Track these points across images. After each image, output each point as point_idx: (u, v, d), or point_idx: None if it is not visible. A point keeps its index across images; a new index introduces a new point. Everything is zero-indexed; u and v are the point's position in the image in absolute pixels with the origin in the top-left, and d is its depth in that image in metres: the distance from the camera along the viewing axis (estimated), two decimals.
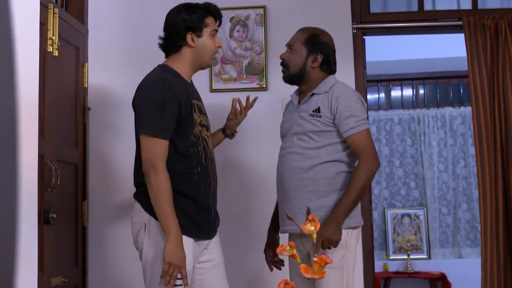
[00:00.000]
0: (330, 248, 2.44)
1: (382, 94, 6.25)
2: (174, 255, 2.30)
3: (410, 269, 5.68)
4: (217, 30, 2.57)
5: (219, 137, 2.85)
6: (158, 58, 2.63)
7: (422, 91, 6.18)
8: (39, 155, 2.10)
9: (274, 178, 2.74)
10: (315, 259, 1.40)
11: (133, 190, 3.56)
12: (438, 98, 6.12)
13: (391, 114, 6.13)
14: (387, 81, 6.12)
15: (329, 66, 2.67)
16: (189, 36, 2.49)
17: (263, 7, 3.55)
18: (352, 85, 3.35)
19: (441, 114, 6.06)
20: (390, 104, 6.19)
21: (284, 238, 2.68)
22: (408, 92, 6.19)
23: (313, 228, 1.44)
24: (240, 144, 3.44)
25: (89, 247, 3.48)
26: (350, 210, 2.50)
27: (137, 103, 2.45)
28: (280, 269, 2.74)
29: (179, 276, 2.34)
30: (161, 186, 2.33)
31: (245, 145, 3.46)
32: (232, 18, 3.57)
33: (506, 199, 3.39)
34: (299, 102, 2.68)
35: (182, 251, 2.34)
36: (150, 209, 2.40)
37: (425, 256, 5.91)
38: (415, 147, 6.07)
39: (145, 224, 2.42)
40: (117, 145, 3.53)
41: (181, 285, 2.34)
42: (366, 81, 3.61)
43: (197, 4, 2.56)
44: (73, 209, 3.35)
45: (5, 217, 1.75)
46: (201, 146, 2.47)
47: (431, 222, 5.96)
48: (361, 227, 2.67)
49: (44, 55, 2.96)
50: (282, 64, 2.70)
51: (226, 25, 3.54)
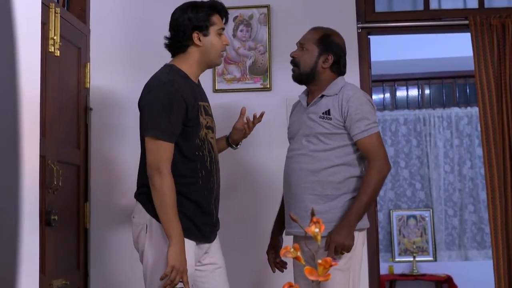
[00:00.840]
0: (342, 253, 2.43)
1: (388, 94, 6.22)
2: (178, 259, 2.28)
3: (416, 271, 5.66)
4: (223, 29, 2.53)
5: (222, 145, 2.78)
6: (161, 58, 2.61)
7: (427, 91, 6.16)
8: (41, 156, 2.10)
9: (278, 179, 2.72)
10: (320, 261, 1.39)
11: (134, 191, 3.51)
12: (444, 98, 6.09)
13: (397, 114, 6.10)
14: (393, 81, 6.11)
15: (339, 68, 2.65)
16: (195, 35, 2.46)
17: (267, 6, 3.54)
18: (357, 85, 3.31)
19: (447, 114, 6.03)
20: (396, 104, 6.17)
21: (289, 240, 2.66)
22: (413, 92, 6.17)
23: (317, 230, 1.43)
24: (243, 145, 3.40)
25: (91, 249, 3.47)
26: (362, 215, 2.50)
27: (143, 104, 2.42)
28: (282, 271, 2.73)
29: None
30: (165, 190, 2.31)
31: (248, 146, 3.43)
32: (235, 18, 3.54)
33: None
34: (308, 104, 2.65)
35: (185, 256, 2.31)
36: (151, 210, 2.37)
37: (431, 258, 5.88)
38: (421, 148, 6.04)
39: (146, 225, 2.39)
40: (119, 146, 3.52)
41: None
42: (371, 81, 3.59)
43: (202, 2, 2.51)
44: (74, 210, 3.33)
45: (6, 218, 1.74)
46: (206, 149, 2.45)
47: (437, 223, 5.93)
48: (366, 229, 2.64)
49: (45, 55, 2.94)
50: (293, 62, 2.66)
51: (229, 24, 3.50)
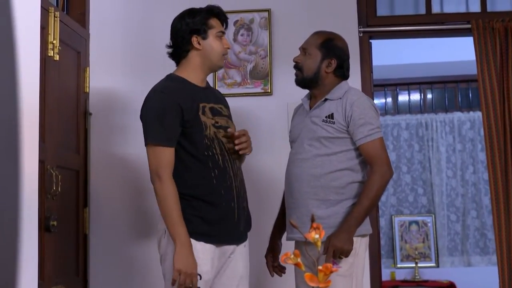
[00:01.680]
0: (341, 258, 2.43)
1: (389, 99, 6.21)
2: (184, 263, 2.29)
3: (418, 277, 5.64)
4: (223, 32, 2.57)
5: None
6: (160, 62, 2.60)
7: (430, 96, 6.14)
8: (40, 161, 2.10)
9: (279, 183, 2.71)
10: (320, 268, 1.38)
11: (135, 196, 3.50)
12: (447, 102, 6.07)
13: (398, 119, 6.09)
14: (394, 85, 6.10)
15: (342, 72, 2.65)
16: (194, 39, 2.50)
17: (268, 11, 3.53)
18: (358, 89, 3.30)
19: (449, 119, 6.01)
20: (397, 108, 6.15)
21: (291, 245, 2.64)
22: (415, 96, 6.16)
23: (317, 236, 1.42)
24: None
25: (90, 256, 3.45)
26: (362, 219, 2.48)
27: (140, 116, 2.50)
28: (280, 275, 2.71)
29: None
30: (166, 194, 2.35)
31: None
32: (236, 22, 3.53)
33: None
34: (311, 107, 2.64)
35: (193, 258, 2.32)
36: None
37: (433, 264, 5.85)
38: (423, 153, 6.02)
39: (165, 230, 2.42)
40: (119, 150, 3.50)
41: None
42: (372, 85, 3.59)
43: (200, 8, 2.58)
44: (74, 216, 3.32)
45: (5, 224, 1.74)
46: (217, 148, 2.45)
47: (440, 229, 5.90)
48: (368, 235, 2.63)
49: (44, 60, 2.94)
50: (296, 67, 2.66)
51: (230, 28, 3.49)
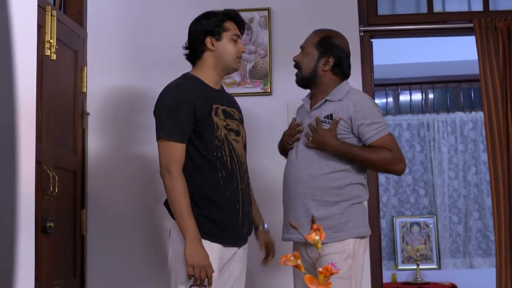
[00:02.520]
0: (316, 143, 2.49)
1: (390, 99, 6.19)
2: (196, 256, 2.33)
3: (420, 279, 5.62)
4: (239, 36, 2.60)
5: None
6: (159, 62, 2.59)
7: (431, 96, 6.12)
8: (36, 162, 2.11)
9: (279, 184, 2.69)
10: (320, 270, 1.37)
11: (133, 198, 3.47)
12: (448, 102, 6.05)
13: (400, 119, 6.06)
14: (396, 85, 6.08)
15: (342, 70, 2.63)
16: (208, 40, 2.54)
17: (268, 9, 3.52)
18: (359, 89, 3.28)
19: (451, 119, 5.98)
20: (399, 108, 6.13)
21: (288, 246, 2.63)
22: (417, 96, 6.14)
23: (317, 237, 1.41)
24: None
25: (88, 257, 3.44)
26: (351, 154, 2.49)
27: (154, 111, 2.53)
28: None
29: None
30: (175, 188, 2.38)
31: (248, 151, 3.37)
32: None
33: None
34: (311, 107, 2.64)
35: (204, 251, 2.35)
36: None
37: (435, 266, 5.83)
38: (425, 153, 6.00)
39: (170, 230, 2.46)
40: (116, 151, 3.50)
41: (205, 286, 2.34)
42: (373, 85, 3.58)
43: (217, 10, 2.62)
44: (71, 217, 3.33)
45: (1, 225, 1.74)
46: (226, 150, 2.49)
47: (441, 231, 5.88)
48: (368, 237, 2.61)
49: (41, 59, 2.95)
50: (296, 66, 2.67)
51: None
